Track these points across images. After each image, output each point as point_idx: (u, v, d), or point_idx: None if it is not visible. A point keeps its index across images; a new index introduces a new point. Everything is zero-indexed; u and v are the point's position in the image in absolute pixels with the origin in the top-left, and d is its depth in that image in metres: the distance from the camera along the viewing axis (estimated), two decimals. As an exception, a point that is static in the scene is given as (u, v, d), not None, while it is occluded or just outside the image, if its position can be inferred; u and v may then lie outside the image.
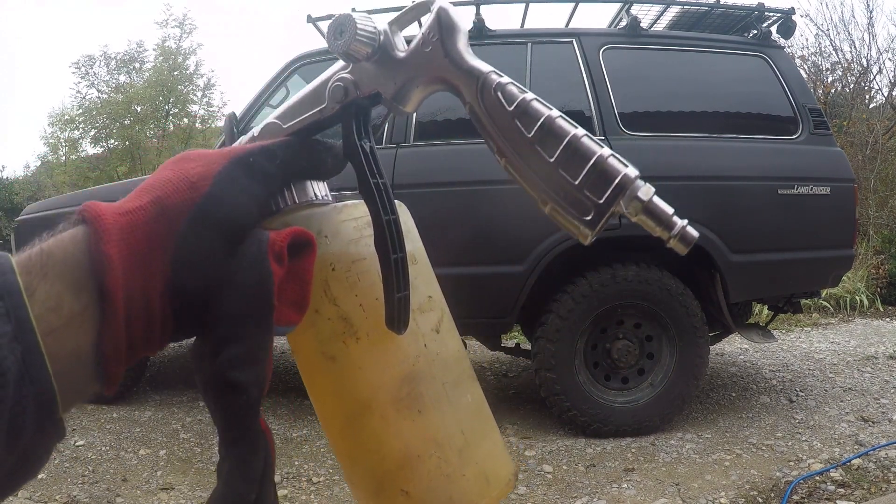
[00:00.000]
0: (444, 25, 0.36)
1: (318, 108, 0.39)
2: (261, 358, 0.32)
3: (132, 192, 0.32)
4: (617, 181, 0.32)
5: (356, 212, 0.40)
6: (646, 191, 0.32)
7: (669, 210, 0.32)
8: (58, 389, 0.26)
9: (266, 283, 0.32)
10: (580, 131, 0.33)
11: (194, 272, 0.31)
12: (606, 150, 0.32)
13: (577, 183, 0.32)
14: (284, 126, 0.40)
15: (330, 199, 0.40)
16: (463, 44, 0.36)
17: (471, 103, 0.35)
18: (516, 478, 0.43)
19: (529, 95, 0.34)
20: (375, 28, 0.36)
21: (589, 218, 0.32)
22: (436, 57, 0.36)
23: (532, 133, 0.33)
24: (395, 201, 0.39)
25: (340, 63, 0.39)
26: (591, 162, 0.32)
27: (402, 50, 0.37)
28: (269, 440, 0.33)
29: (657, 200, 0.32)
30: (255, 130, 0.41)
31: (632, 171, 0.32)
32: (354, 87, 0.38)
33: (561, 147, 0.32)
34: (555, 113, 0.33)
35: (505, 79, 0.34)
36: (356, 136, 0.38)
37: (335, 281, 0.38)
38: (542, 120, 0.33)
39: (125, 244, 0.29)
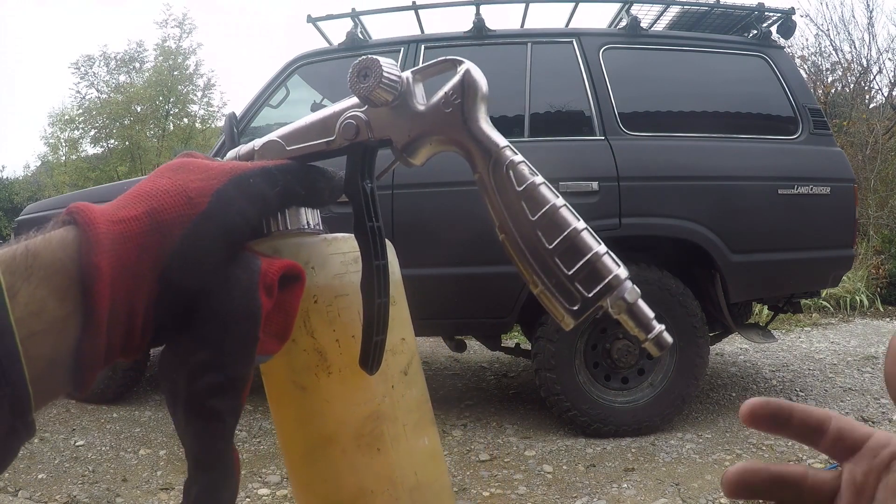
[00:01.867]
0: (467, 90, 0.36)
1: (326, 140, 0.38)
2: (239, 388, 0.32)
3: (126, 194, 0.32)
4: (608, 280, 0.32)
5: (344, 246, 0.40)
6: (632, 293, 0.33)
7: (650, 314, 0.33)
8: (32, 392, 0.26)
9: (254, 316, 0.32)
10: (581, 224, 0.33)
11: (182, 288, 0.31)
12: (602, 248, 0.33)
13: (569, 273, 0.33)
14: (287, 148, 0.39)
15: (321, 227, 0.40)
16: (483, 112, 0.36)
17: (481, 174, 0.35)
18: None
19: (539, 179, 0.34)
20: (399, 76, 0.36)
21: (575, 308, 0.33)
22: (454, 120, 0.36)
23: (535, 217, 0.34)
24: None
25: (354, 99, 0.38)
26: (587, 257, 0.33)
27: (421, 102, 0.37)
28: (236, 465, 0.33)
29: (641, 304, 0.33)
30: (257, 144, 0.41)
31: (623, 273, 0.33)
32: (367, 128, 0.37)
33: (561, 237, 0.33)
34: (560, 202, 0.34)
35: (518, 157, 0.35)
36: (359, 177, 0.38)
37: (316, 313, 0.39)
38: (546, 207, 0.33)
39: (116, 255, 0.28)
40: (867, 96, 9.95)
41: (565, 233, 0.33)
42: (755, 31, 3.24)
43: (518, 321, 3.23)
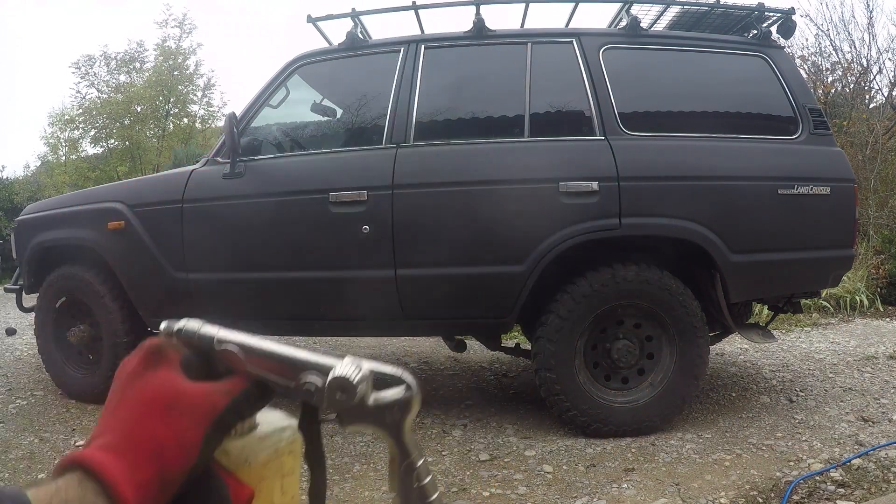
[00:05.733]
0: (409, 410, 0.46)
1: (286, 383, 0.45)
2: None
3: (132, 443, 0.40)
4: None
5: (269, 440, 0.49)
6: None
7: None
8: None
9: None
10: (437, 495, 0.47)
11: None
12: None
13: None
14: (247, 367, 0.45)
15: (256, 422, 0.49)
16: (411, 423, 0.47)
17: (398, 464, 0.46)
18: None
19: (429, 479, 0.46)
20: (363, 384, 0.45)
21: None
22: (394, 428, 0.46)
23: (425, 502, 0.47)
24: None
25: (324, 360, 0.45)
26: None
27: (370, 399, 0.46)
28: None
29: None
30: (218, 337, 0.46)
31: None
32: (321, 397, 0.45)
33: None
34: (437, 495, 0.47)
35: (421, 460, 0.46)
36: (312, 423, 0.48)
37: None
38: (433, 497, 0.46)
39: None
40: (867, 96, 9.95)
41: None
42: (755, 31, 3.24)
43: (518, 321, 3.23)
